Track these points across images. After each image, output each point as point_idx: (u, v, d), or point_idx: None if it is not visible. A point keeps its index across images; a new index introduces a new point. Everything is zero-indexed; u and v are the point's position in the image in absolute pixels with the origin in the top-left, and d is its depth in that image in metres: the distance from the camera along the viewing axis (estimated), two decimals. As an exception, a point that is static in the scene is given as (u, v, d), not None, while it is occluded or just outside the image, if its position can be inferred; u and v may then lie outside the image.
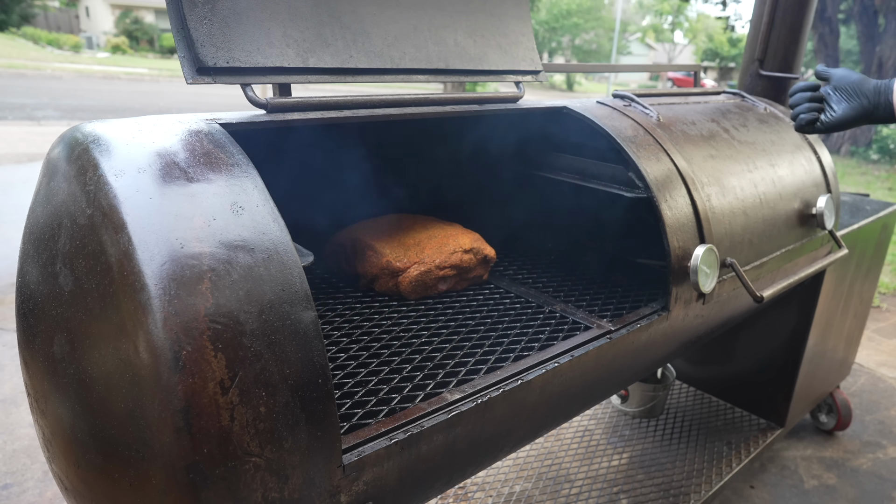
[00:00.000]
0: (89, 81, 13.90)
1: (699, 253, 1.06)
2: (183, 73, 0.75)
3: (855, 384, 2.59)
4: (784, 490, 1.94)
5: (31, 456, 1.92)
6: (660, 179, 1.10)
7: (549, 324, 1.07)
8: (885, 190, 7.02)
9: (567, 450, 1.82)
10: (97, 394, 0.59)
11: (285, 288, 0.61)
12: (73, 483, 0.67)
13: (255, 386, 0.57)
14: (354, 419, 0.75)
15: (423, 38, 1.01)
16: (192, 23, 0.75)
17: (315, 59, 0.87)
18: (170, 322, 0.54)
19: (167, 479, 0.56)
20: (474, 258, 1.18)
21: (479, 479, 1.67)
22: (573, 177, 1.31)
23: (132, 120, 0.73)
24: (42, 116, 8.59)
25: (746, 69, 2.03)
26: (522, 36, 1.17)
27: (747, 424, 1.94)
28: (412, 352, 0.95)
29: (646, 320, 1.07)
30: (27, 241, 0.70)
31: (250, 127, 0.78)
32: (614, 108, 1.25)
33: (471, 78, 1.08)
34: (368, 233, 1.19)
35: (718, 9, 10.39)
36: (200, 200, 0.61)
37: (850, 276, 1.87)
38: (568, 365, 0.92)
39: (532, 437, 1.04)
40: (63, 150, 0.68)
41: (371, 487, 0.71)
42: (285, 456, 0.60)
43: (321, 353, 0.62)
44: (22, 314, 0.70)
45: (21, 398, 2.22)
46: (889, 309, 3.50)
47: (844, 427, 2.20)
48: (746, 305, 1.41)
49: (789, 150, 1.50)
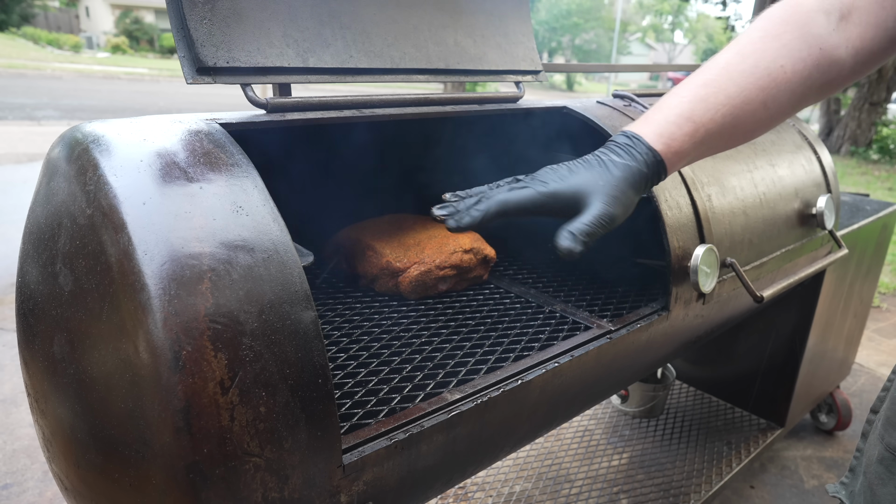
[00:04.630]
0: (89, 81, 13.90)
1: (699, 253, 1.06)
2: (183, 73, 0.75)
3: (855, 384, 2.59)
4: (784, 490, 1.94)
5: (31, 456, 1.93)
6: (660, 179, 1.10)
7: (550, 324, 1.07)
8: (885, 190, 7.02)
9: (567, 450, 1.82)
10: (97, 394, 0.59)
11: (285, 288, 0.61)
12: (73, 483, 0.67)
13: (255, 386, 0.57)
14: (354, 419, 0.75)
15: (423, 38, 1.01)
16: (192, 23, 0.75)
17: (315, 59, 0.87)
18: (170, 322, 0.54)
19: (167, 479, 0.56)
20: (474, 258, 1.18)
21: (479, 479, 1.67)
22: (573, 177, 1.31)
23: (132, 120, 0.73)
24: (42, 116, 8.59)
25: (746, 69, 2.02)
26: (522, 36, 1.17)
27: (747, 424, 1.94)
28: (412, 352, 0.95)
29: (646, 320, 1.07)
30: (27, 241, 0.70)
31: (250, 127, 0.79)
32: (614, 108, 1.25)
33: (471, 78, 1.08)
34: (368, 233, 1.19)
35: (718, 9, 10.40)
36: (200, 200, 0.61)
37: (850, 276, 1.87)
38: (568, 365, 0.92)
39: (532, 437, 1.04)
40: (63, 150, 0.68)
41: (371, 487, 0.71)
42: (285, 456, 0.60)
43: (321, 353, 0.62)
44: (22, 314, 0.70)
45: (21, 398, 2.22)
46: (889, 309, 3.50)
47: (844, 427, 2.20)
48: (746, 305, 1.41)
49: (789, 150, 1.50)
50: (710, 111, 0.70)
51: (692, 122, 0.70)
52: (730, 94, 0.70)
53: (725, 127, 0.70)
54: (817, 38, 0.70)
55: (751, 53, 0.71)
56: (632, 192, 0.71)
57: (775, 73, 0.69)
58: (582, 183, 0.71)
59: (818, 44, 0.70)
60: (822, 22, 0.70)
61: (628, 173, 0.70)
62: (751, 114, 0.71)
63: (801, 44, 0.70)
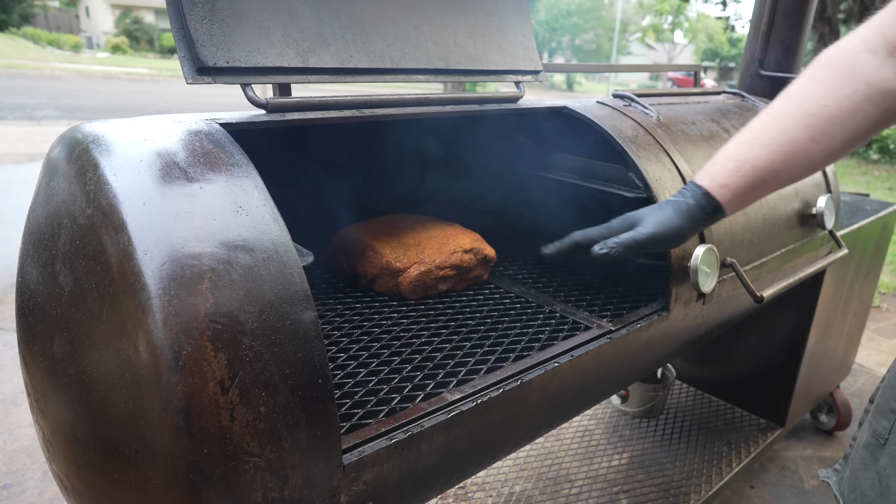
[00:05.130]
0: (89, 81, 13.91)
1: (699, 253, 1.06)
2: (183, 73, 0.75)
3: (855, 384, 2.59)
4: (784, 490, 1.94)
5: (31, 456, 1.93)
6: (660, 179, 1.10)
7: (549, 324, 1.07)
8: (885, 190, 7.02)
9: (567, 450, 1.82)
10: (97, 394, 0.59)
11: (285, 288, 0.61)
12: (73, 483, 0.67)
13: (255, 386, 0.57)
14: (354, 419, 0.75)
15: (423, 38, 1.01)
16: (192, 23, 0.75)
17: (315, 59, 0.87)
18: (170, 322, 0.54)
19: (167, 479, 0.56)
20: (474, 258, 1.17)
21: (479, 479, 1.67)
22: (573, 177, 1.31)
23: (132, 120, 0.73)
24: (42, 116, 8.59)
25: (746, 69, 2.03)
26: (522, 36, 1.17)
27: (747, 424, 1.94)
28: (412, 352, 0.95)
29: (646, 320, 1.07)
30: (27, 241, 0.70)
31: (250, 127, 0.79)
32: (614, 108, 1.25)
33: (471, 78, 1.08)
34: (368, 233, 1.19)
35: (718, 9, 10.40)
36: (200, 200, 0.61)
37: (850, 276, 1.87)
38: (568, 365, 0.92)
39: (532, 437, 1.04)
40: (63, 150, 0.68)
41: (371, 487, 0.71)
42: (285, 456, 0.60)
43: (321, 353, 0.62)
44: (22, 314, 0.70)
45: (21, 398, 2.22)
46: (889, 309, 3.50)
47: (844, 427, 2.20)
48: (746, 305, 1.41)
49: (789, 150, 1.50)
50: (753, 150, 0.80)
51: (736, 161, 0.82)
52: (773, 135, 0.79)
53: (775, 162, 0.80)
54: (863, 76, 0.76)
55: (795, 98, 0.79)
56: (678, 218, 0.85)
57: (818, 111, 0.77)
58: (641, 215, 0.88)
59: (864, 80, 0.76)
60: (867, 60, 0.76)
61: (675, 206, 0.86)
62: (801, 148, 0.79)
63: (845, 83, 0.76)
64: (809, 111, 0.77)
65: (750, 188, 0.82)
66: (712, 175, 0.84)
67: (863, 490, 0.81)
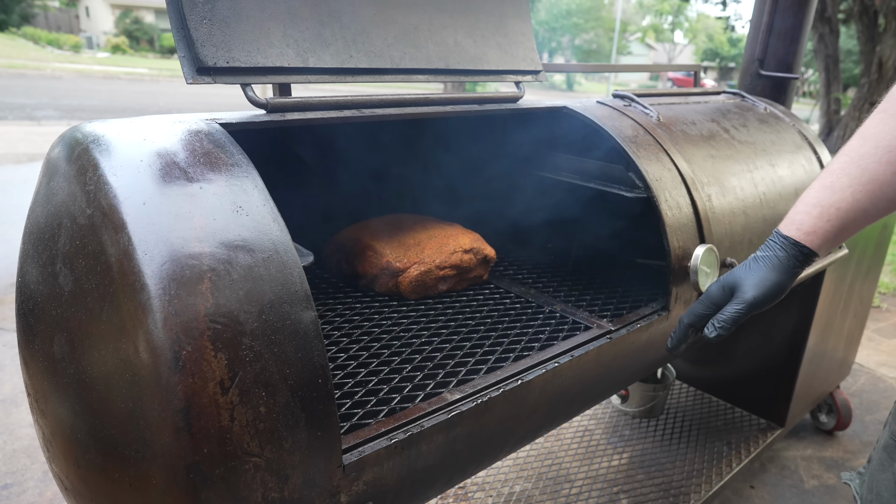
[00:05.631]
0: (89, 81, 13.90)
1: (699, 253, 1.06)
2: (183, 73, 0.75)
3: (855, 384, 2.59)
4: (784, 490, 1.94)
5: (31, 456, 1.92)
6: (660, 179, 1.10)
7: (549, 324, 1.07)
8: (885, 190, 7.01)
9: (567, 450, 1.82)
10: (97, 394, 0.59)
11: (285, 288, 0.61)
12: (73, 483, 0.67)
13: (255, 386, 0.57)
14: (354, 419, 0.75)
15: (423, 38, 1.01)
16: (192, 23, 0.75)
17: (315, 59, 0.87)
18: (170, 322, 0.54)
19: (167, 479, 0.56)
20: (474, 258, 1.17)
21: (479, 479, 1.67)
22: (573, 177, 1.31)
23: (132, 120, 0.73)
24: (42, 116, 8.59)
25: (746, 69, 2.03)
26: (522, 36, 1.17)
27: (747, 424, 1.94)
28: (412, 352, 0.95)
29: (646, 320, 1.07)
30: (27, 241, 0.70)
31: (250, 127, 0.79)
32: (614, 108, 1.25)
33: (471, 78, 1.08)
34: (368, 233, 1.19)
35: (718, 9, 10.37)
36: (200, 200, 0.61)
37: (850, 276, 1.87)
38: (568, 365, 0.92)
39: (532, 437, 1.04)
40: (63, 150, 0.68)
41: (371, 487, 0.71)
42: (285, 456, 0.60)
43: (321, 353, 0.62)
44: (22, 314, 0.70)
45: (21, 398, 2.22)
46: (889, 309, 3.50)
47: (844, 427, 2.20)
48: (746, 305, 1.41)
49: (789, 150, 1.50)
50: (836, 194, 0.81)
51: (819, 207, 0.82)
52: (853, 176, 0.80)
53: (860, 202, 0.80)
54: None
55: (871, 136, 0.80)
56: (776, 275, 0.85)
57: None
58: (736, 280, 0.89)
59: None
60: None
61: (767, 261, 0.86)
62: (887, 184, 0.79)
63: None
64: (888, 148, 0.77)
65: (838, 231, 0.82)
66: (798, 223, 0.84)
67: (879, 491, 0.81)
